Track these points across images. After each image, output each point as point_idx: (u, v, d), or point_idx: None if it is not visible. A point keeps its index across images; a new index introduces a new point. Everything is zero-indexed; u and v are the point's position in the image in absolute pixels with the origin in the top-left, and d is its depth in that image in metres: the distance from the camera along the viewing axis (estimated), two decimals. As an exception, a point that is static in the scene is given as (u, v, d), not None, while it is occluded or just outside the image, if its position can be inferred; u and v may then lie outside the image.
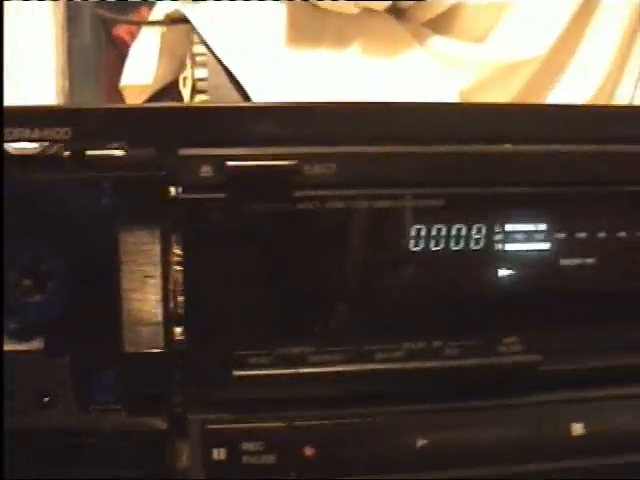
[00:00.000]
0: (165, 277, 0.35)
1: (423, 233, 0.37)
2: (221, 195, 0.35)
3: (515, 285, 0.38)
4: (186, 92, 0.74)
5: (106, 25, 0.82)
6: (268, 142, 0.35)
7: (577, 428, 0.38)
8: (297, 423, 0.36)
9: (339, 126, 0.35)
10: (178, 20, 0.75)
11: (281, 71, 0.73)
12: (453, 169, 0.36)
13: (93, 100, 0.79)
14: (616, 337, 0.39)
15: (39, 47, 0.70)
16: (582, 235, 0.38)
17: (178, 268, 0.35)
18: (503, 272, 0.38)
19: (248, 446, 0.36)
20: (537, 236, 0.38)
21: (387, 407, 0.37)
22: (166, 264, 0.35)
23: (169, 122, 0.35)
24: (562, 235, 0.38)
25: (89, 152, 0.34)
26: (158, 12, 0.76)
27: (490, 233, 0.37)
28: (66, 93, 0.72)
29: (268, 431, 0.36)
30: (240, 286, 0.35)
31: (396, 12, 0.74)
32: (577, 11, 0.72)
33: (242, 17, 0.74)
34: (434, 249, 0.37)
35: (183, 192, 0.35)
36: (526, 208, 0.38)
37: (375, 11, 0.73)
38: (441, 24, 0.75)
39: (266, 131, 0.35)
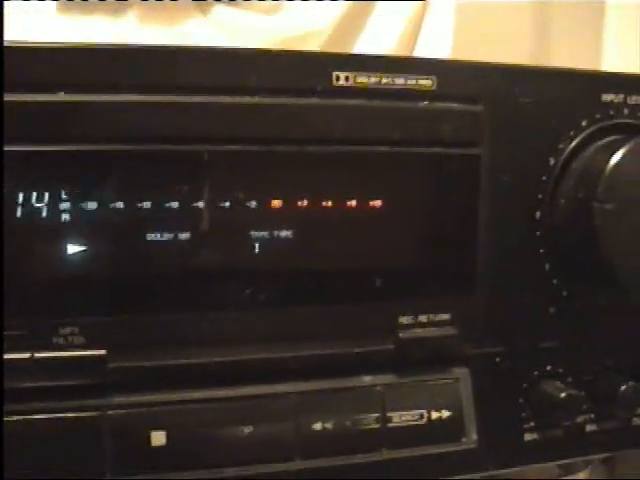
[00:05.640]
0: None
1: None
2: None
3: (82, 264, 0.31)
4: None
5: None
6: None
7: (158, 437, 0.32)
8: None
9: None
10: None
11: (52, 38, 0.67)
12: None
13: None
14: (213, 327, 0.33)
15: None
16: (174, 205, 0.32)
17: None
18: (71, 248, 0.31)
19: None
20: (110, 205, 0.31)
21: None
22: None
23: None
24: (146, 205, 0.32)
25: None
26: None
27: (54, 200, 0.31)
28: None
29: None
30: None
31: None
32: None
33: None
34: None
35: None
36: (95, 169, 0.31)
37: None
38: (229, -5, 0.69)
39: None
